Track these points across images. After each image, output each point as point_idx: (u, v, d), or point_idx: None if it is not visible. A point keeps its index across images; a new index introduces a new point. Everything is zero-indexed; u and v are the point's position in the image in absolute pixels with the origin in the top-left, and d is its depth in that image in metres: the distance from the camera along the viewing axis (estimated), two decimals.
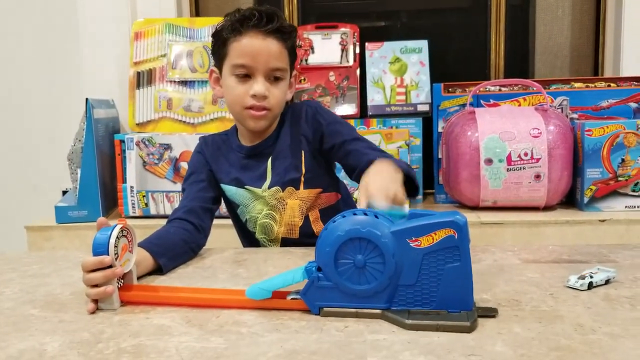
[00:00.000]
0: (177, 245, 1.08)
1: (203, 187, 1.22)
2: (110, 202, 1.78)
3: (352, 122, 1.80)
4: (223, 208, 1.66)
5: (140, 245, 1.00)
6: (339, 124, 1.20)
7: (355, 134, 1.19)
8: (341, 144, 1.17)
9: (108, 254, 0.82)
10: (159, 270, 1.01)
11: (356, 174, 1.12)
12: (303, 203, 1.20)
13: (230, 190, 1.23)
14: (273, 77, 1.14)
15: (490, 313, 0.77)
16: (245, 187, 1.21)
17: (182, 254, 1.09)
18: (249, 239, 1.28)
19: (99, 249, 0.82)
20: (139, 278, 0.95)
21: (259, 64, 1.11)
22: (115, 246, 0.82)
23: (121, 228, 0.84)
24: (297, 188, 1.19)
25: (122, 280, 0.87)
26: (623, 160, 1.63)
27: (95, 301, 0.83)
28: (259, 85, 1.11)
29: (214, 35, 1.17)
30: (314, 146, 1.20)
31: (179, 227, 1.14)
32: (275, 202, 1.20)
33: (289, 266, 1.00)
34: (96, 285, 0.83)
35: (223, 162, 1.24)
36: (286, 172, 1.19)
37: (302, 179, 1.19)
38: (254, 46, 1.11)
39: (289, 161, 1.19)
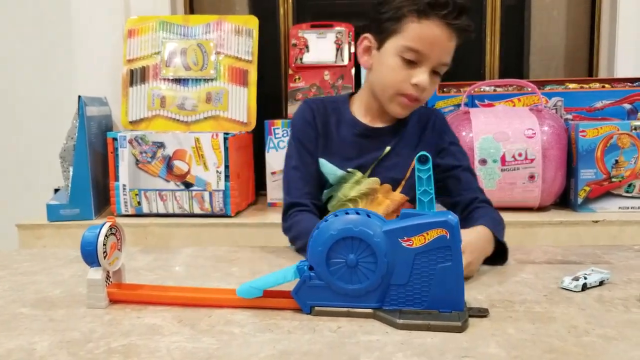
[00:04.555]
0: None
1: (315, 171, 1.15)
2: (102, 200, 1.76)
3: None
4: (218, 207, 1.66)
5: None
6: (460, 147, 1.19)
7: (469, 164, 1.18)
8: (454, 167, 1.14)
9: (96, 252, 0.81)
10: None
11: (452, 203, 1.14)
12: (391, 205, 1.15)
13: (329, 168, 1.15)
14: (435, 71, 1.08)
15: (481, 313, 0.77)
16: (348, 170, 1.14)
17: None
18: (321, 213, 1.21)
19: (88, 247, 0.81)
20: None
21: (432, 55, 1.05)
22: (104, 244, 0.81)
23: (110, 226, 0.84)
24: (394, 189, 1.15)
25: (111, 279, 0.86)
26: (617, 161, 1.63)
27: None
28: (424, 77, 1.06)
29: (385, 2, 1.07)
30: (430, 154, 1.15)
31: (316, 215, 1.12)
32: (368, 191, 1.14)
33: (282, 265, 0.99)
34: None
35: (332, 135, 1.16)
36: (394, 168, 1.14)
37: (404, 182, 1.14)
38: (437, 36, 1.04)
39: (401, 160, 1.14)
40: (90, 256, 0.81)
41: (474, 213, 1.10)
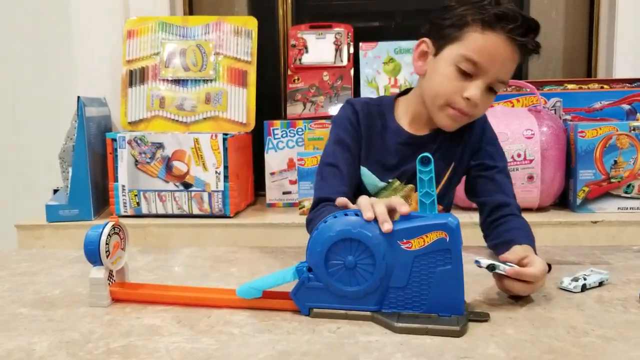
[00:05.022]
0: None
1: (354, 172, 1.09)
2: (101, 201, 1.76)
3: None
4: (217, 208, 1.66)
5: None
6: (498, 147, 1.13)
7: (505, 165, 1.12)
8: (490, 167, 1.09)
9: (99, 251, 0.81)
10: None
11: (480, 202, 1.10)
12: None
13: (370, 179, 1.10)
14: (491, 87, 1.01)
15: (481, 318, 0.76)
16: (389, 180, 1.10)
17: None
18: None
19: (90, 245, 0.82)
20: None
21: (491, 70, 0.98)
22: (106, 243, 0.82)
23: (113, 225, 0.84)
24: None
25: (114, 278, 0.86)
26: (615, 162, 1.63)
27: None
28: (476, 91, 0.98)
29: (450, 7, 1.02)
30: (465, 160, 1.11)
31: None
32: (403, 196, 1.10)
33: (281, 266, 0.99)
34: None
35: (375, 141, 1.10)
36: None
37: (438, 190, 1.09)
38: (498, 51, 0.97)
39: (439, 167, 1.03)
40: (92, 255, 0.82)
41: (507, 220, 1.06)
